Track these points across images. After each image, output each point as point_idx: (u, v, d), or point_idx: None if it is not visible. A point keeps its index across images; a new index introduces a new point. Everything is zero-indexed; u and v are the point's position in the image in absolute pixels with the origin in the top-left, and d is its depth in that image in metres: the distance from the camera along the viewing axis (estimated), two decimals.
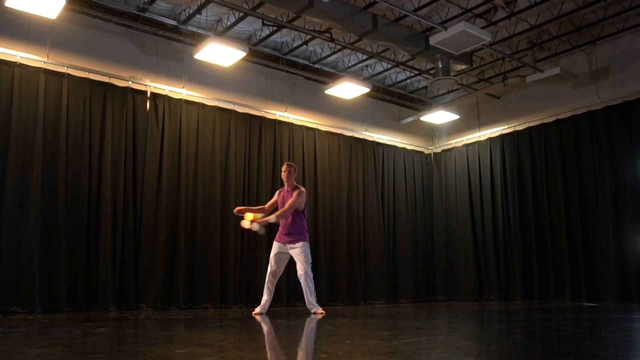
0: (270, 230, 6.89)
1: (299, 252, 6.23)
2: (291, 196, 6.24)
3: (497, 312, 6.57)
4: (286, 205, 6.19)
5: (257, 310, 6.34)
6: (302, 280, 6.24)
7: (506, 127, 10.54)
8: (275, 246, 6.38)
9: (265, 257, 8.78)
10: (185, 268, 8.00)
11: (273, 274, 6.39)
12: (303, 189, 6.39)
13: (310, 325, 4.82)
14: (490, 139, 10.79)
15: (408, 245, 10.96)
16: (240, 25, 8.49)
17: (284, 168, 6.47)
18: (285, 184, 6.45)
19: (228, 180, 8.70)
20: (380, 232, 10.55)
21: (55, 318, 5.68)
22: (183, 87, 8.55)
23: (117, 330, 4.33)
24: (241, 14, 8.13)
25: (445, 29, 7.64)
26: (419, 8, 7.97)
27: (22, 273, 6.76)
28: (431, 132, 11.95)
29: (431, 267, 11.28)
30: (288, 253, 6.34)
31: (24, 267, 6.78)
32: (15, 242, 6.77)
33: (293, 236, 6.26)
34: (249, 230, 8.70)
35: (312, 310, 6.27)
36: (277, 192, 6.59)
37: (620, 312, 5.90)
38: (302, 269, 6.21)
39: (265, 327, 4.63)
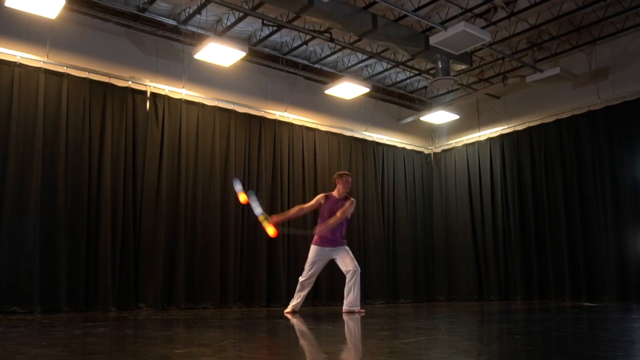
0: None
1: (345, 253, 6.24)
2: (342, 205, 6.24)
3: (497, 312, 6.57)
4: (339, 214, 6.15)
5: (289, 309, 6.39)
6: (355, 277, 6.19)
7: (506, 127, 10.54)
8: (317, 251, 6.31)
9: (265, 257, 8.83)
10: (185, 268, 8.00)
11: (312, 277, 6.35)
12: (353, 199, 6.38)
13: (310, 326, 4.82)
14: (490, 139, 10.79)
15: (408, 245, 10.95)
16: (240, 25, 8.49)
17: (349, 179, 6.43)
18: (338, 192, 6.34)
19: (228, 180, 8.68)
20: (380, 232, 10.54)
21: (55, 318, 5.68)
22: (183, 87, 8.55)
23: (117, 330, 4.33)
24: (241, 14, 8.13)
25: (445, 29, 7.64)
26: (419, 8, 7.97)
27: (22, 273, 6.76)
28: (431, 132, 11.95)
29: (431, 267, 11.27)
30: (329, 256, 6.31)
31: (24, 267, 6.78)
32: (15, 242, 6.77)
33: (337, 241, 6.27)
34: (249, 230, 8.75)
35: (356, 310, 6.23)
36: (321, 197, 6.46)
37: (620, 312, 5.90)
38: (355, 266, 6.19)
39: (265, 328, 4.63)
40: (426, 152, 11.86)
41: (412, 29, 8.50)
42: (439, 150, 11.83)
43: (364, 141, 10.73)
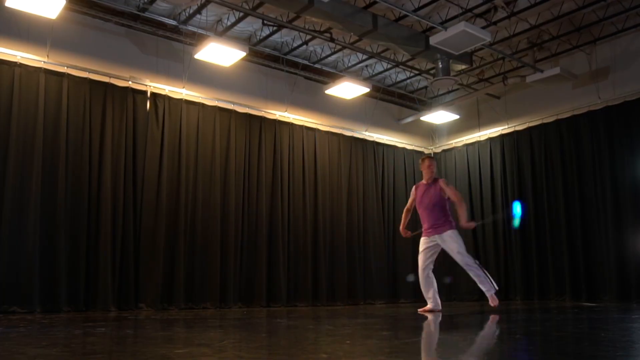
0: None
1: (448, 242, 6.23)
2: (434, 189, 6.30)
3: (497, 312, 6.56)
4: (457, 199, 6.22)
5: (428, 307, 6.36)
6: (467, 270, 6.29)
7: (506, 127, 10.54)
8: (423, 241, 6.40)
9: (265, 257, 8.84)
10: (185, 268, 8.00)
11: (424, 269, 6.39)
12: (443, 179, 6.42)
13: (310, 326, 4.81)
14: (490, 139, 10.79)
15: (408, 245, 10.92)
16: (240, 25, 8.49)
17: (428, 162, 6.46)
18: (426, 178, 6.45)
19: (228, 180, 8.70)
20: (380, 232, 10.54)
21: (55, 318, 5.68)
22: (183, 87, 8.56)
23: (117, 330, 4.33)
24: (241, 14, 8.13)
25: (445, 29, 7.64)
26: (419, 8, 7.97)
27: (22, 273, 6.76)
28: (431, 132, 11.95)
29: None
30: (438, 245, 6.35)
31: (24, 267, 6.78)
32: (15, 242, 6.77)
33: (439, 227, 6.28)
34: (249, 230, 8.77)
35: (488, 295, 6.29)
36: (413, 189, 6.59)
37: (620, 312, 5.90)
38: (460, 260, 6.22)
39: (265, 328, 4.63)
40: (426, 152, 11.85)
41: (412, 29, 8.50)
42: (439, 150, 11.83)
43: (364, 141, 10.73)
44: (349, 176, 10.32)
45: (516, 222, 7.53)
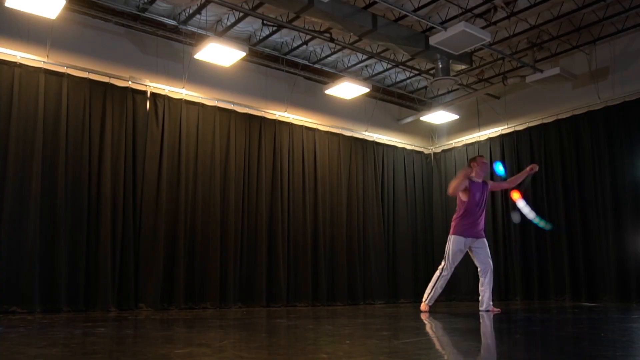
0: None
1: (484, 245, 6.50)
2: (486, 190, 6.56)
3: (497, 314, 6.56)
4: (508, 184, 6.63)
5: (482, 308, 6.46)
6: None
7: (506, 127, 10.54)
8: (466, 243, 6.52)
9: (265, 257, 8.84)
10: (185, 268, 8.00)
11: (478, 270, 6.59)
12: (463, 171, 6.40)
13: (310, 326, 4.81)
14: (490, 139, 10.79)
15: (408, 245, 10.95)
16: (240, 25, 8.49)
17: (479, 159, 6.63)
18: (481, 176, 6.61)
19: (228, 180, 8.70)
20: (380, 232, 10.54)
21: (55, 318, 5.68)
22: (183, 87, 8.56)
23: (117, 330, 4.33)
24: (241, 14, 8.13)
25: (445, 29, 7.64)
26: (419, 8, 7.97)
27: (22, 273, 6.76)
28: (431, 132, 11.95)
29: (431, 267, 11.24)
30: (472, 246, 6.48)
31: (24, 267, 6.77)
32: (15, 242, 6.77)
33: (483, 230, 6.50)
34: (249, 230, 8.77)
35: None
36: (469, 183, 6.48)
37: (620, 312, 5.90)
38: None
39: (265, 328, 4.63)
40: (426, 152, 11.86)
41: (412, 29, 8.50)
42: (439, 150, 11.83)
43: (364, 141, 10.72)
44: (349, 176, 10.32)
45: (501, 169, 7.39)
